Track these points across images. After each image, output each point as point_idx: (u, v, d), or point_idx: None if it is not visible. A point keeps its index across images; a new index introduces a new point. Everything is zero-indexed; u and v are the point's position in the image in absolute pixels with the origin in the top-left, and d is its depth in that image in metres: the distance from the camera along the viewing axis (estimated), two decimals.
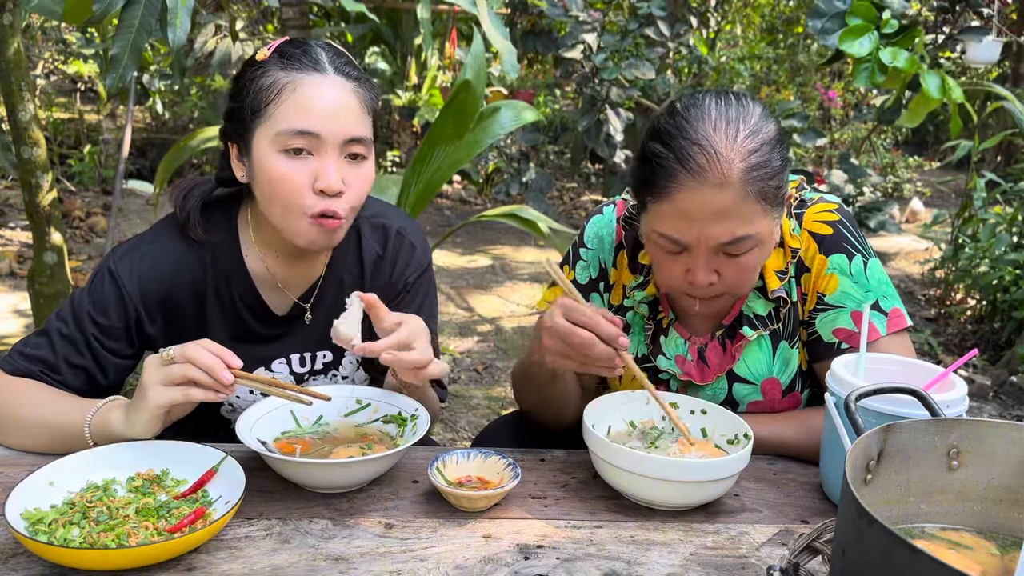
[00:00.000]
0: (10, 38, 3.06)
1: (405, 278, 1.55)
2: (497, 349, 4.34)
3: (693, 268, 1.30)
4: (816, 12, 3.24)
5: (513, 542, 1.14)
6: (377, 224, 1.54)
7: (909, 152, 9.75)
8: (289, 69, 1.31)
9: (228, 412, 1.55)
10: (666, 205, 1.27)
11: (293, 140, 1.29)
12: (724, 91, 1.33)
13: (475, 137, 3.16)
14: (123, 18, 1.93)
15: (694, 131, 1.26)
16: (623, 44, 5.19)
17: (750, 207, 1.25)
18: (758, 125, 1.27)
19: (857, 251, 1.43)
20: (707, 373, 1.48)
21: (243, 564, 1.06)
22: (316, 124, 1.28)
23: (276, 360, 1.50)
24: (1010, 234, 4.41)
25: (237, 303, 1.46)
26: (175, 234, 1.44)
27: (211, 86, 7.35)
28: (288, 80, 1.30)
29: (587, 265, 1.57)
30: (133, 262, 1.41)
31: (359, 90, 1.34)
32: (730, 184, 1.23)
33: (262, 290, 1.47)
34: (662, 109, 1.37)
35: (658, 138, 1.29)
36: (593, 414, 1.35)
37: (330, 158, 1.30)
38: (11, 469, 1.27)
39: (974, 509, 0.92)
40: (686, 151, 1.25)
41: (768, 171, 1.26)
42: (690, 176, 1.24)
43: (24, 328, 4.11)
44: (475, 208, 7.36)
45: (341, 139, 1.30)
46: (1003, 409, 3.78)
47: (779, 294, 1.43)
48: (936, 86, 3.10)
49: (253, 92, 1.32)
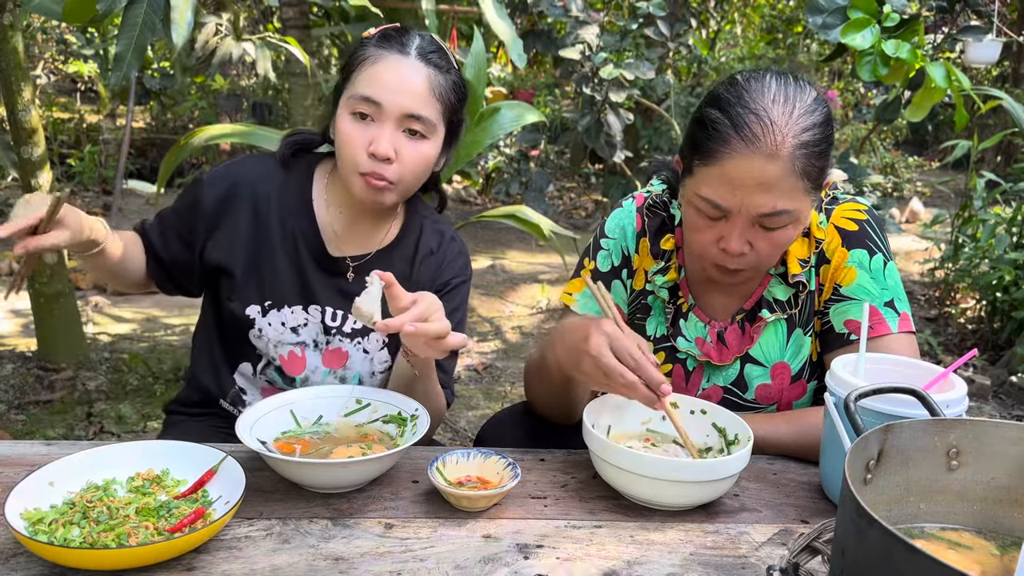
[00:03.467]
0: (10, 38, 3.06)
1: (449, 278, 1.63)
2: (497, 349, 4.34)
3: (728, 236, 1.33)
4: (816, 8, 3.23)
5: (513, 542, 1.14)
6: (437, 228, 1.66)
7: (909, 152, 9.76)
8: (380, 45, 1.47)
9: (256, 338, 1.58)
10: (714, 169, 1.30)
11: (359, 105, 1.44)
12: (785, 71, 1.37)
13: (475, 137, 3.16)
14: (126, 17, 1.93)
15: (752, 101, 1.29)
16: (623, 44, 5.19)
17: (794, 183, 1.28)
18: (813, 106, 1.31)
19: (879, 250, 1.47)
20: (725, 354, 1.51)
21: (243, 564, 1.06)
22: (379, 94, 1.43)
23: (313, 305, 1.57)
24: (1010, 234, 4.41)
25: (296, 235, 1.56)
26: (262, 157, 1.63)
27: (211, 86, 7.35)
28: (374, 54, 1.46)
29: (608, 254, 1.59)
30: (218, 169, 1.60)
31: (434, 76, 1.46)
32: (780, 157, 1.26)
33: (322, 231, 1.58)
34: (721, 79, 1.41)
35: (716, 104, 1.33)
36: (593, 414, 1.35)
37: (387, 127, 1.44)
38: (11, 469, 1.27)
39: (974, 509, 0.92)
40: (743, 118, 1.28)
41: (816, 151, 1.29)
42: (743, 143, 1.27)
43: (23, 328, 4.11)
44: (475, 208, 7.36)
45: (399, 112, 1.43)
46: (1003, 409, 3.78)
47: (799, 279, 1.46)
48: (942, 76, 3.10)
49: (349, 63, 1.50)
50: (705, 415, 1.39)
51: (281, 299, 1.56)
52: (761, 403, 1.52)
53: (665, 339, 1.55)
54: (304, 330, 1.57)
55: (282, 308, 1.56)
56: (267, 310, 1.56)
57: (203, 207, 1.54)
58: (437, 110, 1.47)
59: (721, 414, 1.37)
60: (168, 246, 1.58)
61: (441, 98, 1.47)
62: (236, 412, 1.60)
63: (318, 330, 1.58)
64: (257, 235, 1.55)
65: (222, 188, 1.55)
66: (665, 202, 1.58)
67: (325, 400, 1.42)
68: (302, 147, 1.63)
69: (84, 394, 3.46)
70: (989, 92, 3.79)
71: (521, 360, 4.18)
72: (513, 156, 6.41)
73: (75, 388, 3.50)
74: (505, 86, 7.45)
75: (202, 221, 1.55)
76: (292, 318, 1.56)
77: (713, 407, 1.38)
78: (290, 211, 1.57)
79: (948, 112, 8.01)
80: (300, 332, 1.57)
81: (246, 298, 1.55)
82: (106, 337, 4.12)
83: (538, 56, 7.05)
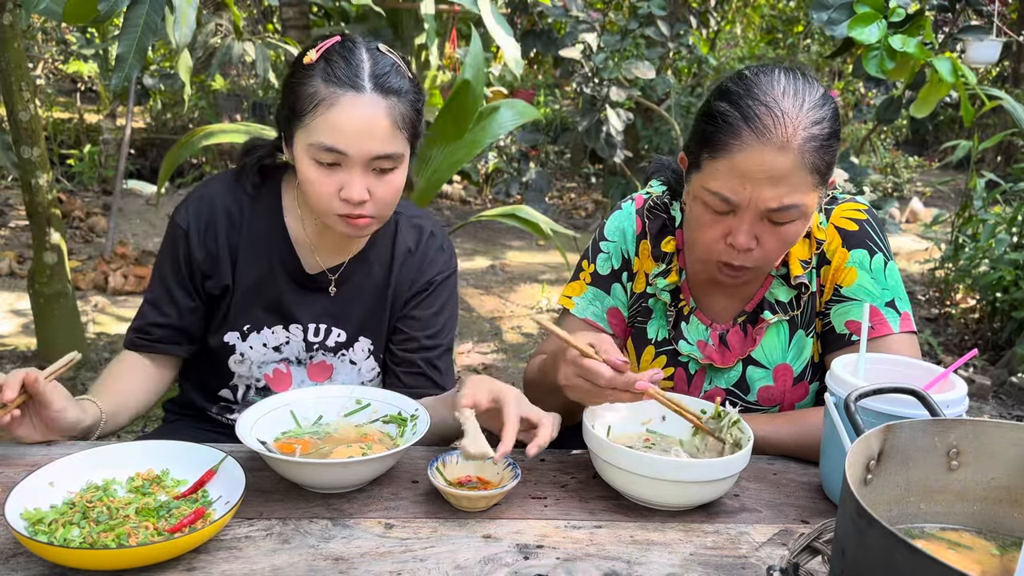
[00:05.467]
0: (10, 38, 3.06)
1: (431, 276, 1.60)
2: (497, 349, 4.34)
3: (736, 230, 1.32)
4: (821, 4, 3.24)
5: (513, 542, 1.14)
6: (414, 223, 1.61)
7: (909, 152, 9.76)
8: (329, 82, 1.35)
9: (236, 363, 1.57)
10: (723, 162, 1.29)
11: (322, 155, 1.36)
12: (792, 67, 1.36)
13: (475, 137, 3.16)
14: (128, 17, 1.93)
15: (763, 94, 1.28)
16: (623, 44, 5.19)
17: (803, 177, 1.28)
18: (822, 101, 1.30)
19: (879, 249, 1.46)
20: (728, 356, 1.51)
21: (243, 564, 1.06)
22: (343, 143, 1.35)
23: (293, 324, 1.56)
24: (1010, 234, 4.41)
25: (272, 256, 1.54)
26: (228, 176, 1.57)
27: (211, 86, 7.35)
28: (326, 95, 1.35)
29: (608, 256, 1.59)
30: (190, 200, 1.55)
31: (395, 106, 1.38)
32: (790, 149, 1.26)
33: (297, 248, 1.55)
34: (728, 74, 1.40)
35: (725, 97, 1.32)
36: (593, 414, 1.35)
37: (356, 172, 1.37)
38: (11, 469, 1.27)
39: (974, 509, 0.92)
40: (754, 110, 1.27)
41: (825, 145, 1.29)
42: (754, 135, 1.26)
43: (23, 328, 4.11)
44: (475, 208, 7.36)
45: (367, 157, 1.37)
46: (1003, 409, 3.78)
47: (801, 280, 1.46)
48: (948, 70, 3.09)
49: (296, 96, 1.39)
50: (705, 415, 1.38)
51: (260, 322, 1.54)
52: (763, 405, 1.51)
53: (667, 342, 1.54)
54: (287, 347, 1.56)
55: (262, 330, 1.55)
56: (246, 335, 1.55)
57: (192, 252, 1.51)
58: (404, 139, 1.41)
59: None
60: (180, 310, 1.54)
61: (405, 124, 1.40)
62: (226, 420, 1.61)
63: (300, 347, 1.57)
64: (235, 261, 1.53)
65: (202, 224, 1.51)
66: (666, 204, 1.58)
67: (325, 400, 1.42)
68: (266, 162, 1.56)
69: (84, 394, 3.45)
70: (989, 92, 3.79)
71: (521, 360, 4.18)
72: (513, 156, 6.41)
73: (75, 388, 3.50)
74: (505, 86, 7.45)
75: (197, 267, 1.52)
76: (273, 338, 1.55)
77: (713, 407, 1.38)
78: (263, 234, 1.53)
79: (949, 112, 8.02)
80: (283, 350, 1.56)
81: (225, 325, 1.54)
82: (106, 337, 4.12)
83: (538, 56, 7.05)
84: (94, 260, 5.16)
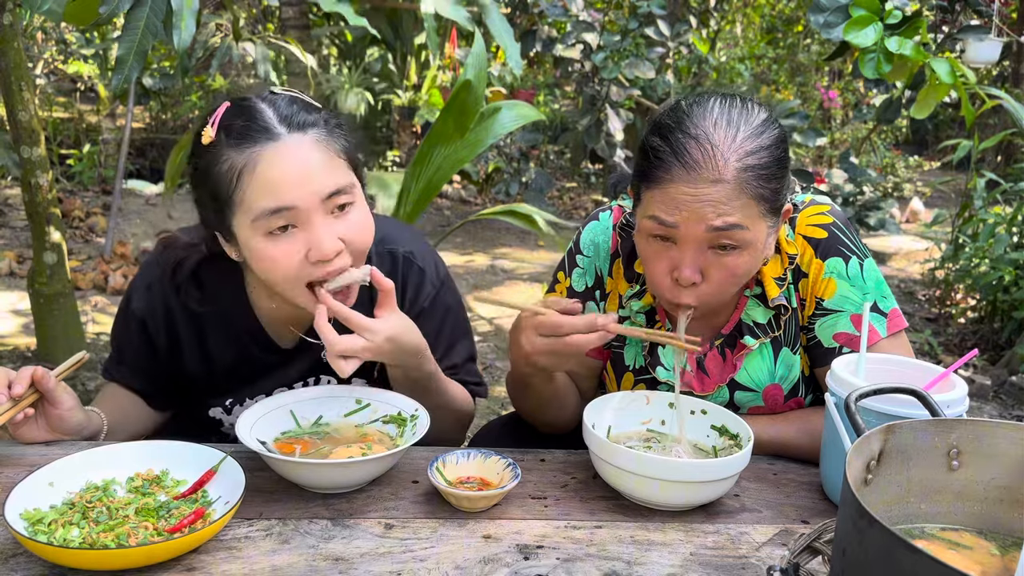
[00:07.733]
0: (10, 38, 3.06)
1: (419, 305, 1.52)
2: (497, 349, 4.33)
3: (680, 262, 1.27)
4: (818, 7, 3.23)
5: (513, 542, 1.14)
6: (384, 252, 1.49)
7: (909, 152, 9.75)
8: (241, 146, 1.23)
9: (227, 428, 1.55)
10: (658, 192, 1.26)
11: (272, 221, 1.23)
12: (731, 93, 1.32)
13: (475, 137, 3.16)
14: (128, 20, 1.93)
15: (694, 126, 1.25)
16: (623, 44, 5.19)
17: (745, 202, 1.24)
18: (759, 129, 1.26)
19: (853, 253, 1.42)
20: (707, 383, 1.47)
21: (243, 564, 1.06)
22: (288, 197, 1.22)
23: (279, 389, 1.49)
24: (1010, 234, 4.40)
25: (242, 336, 1.47)
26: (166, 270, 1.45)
27: (211, 86, 7.35)
28: (244, 160, 1.23)
29: (583, 273, 1.55)
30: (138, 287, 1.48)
31: (322, 138, 1.27)
32: (725, 180, 1.22)
33: (268, 326, 1.48)
34: (665, 106, 1.37)
35: (657, 132, 1.29)
36: (593, 414, 1.34)
37: (317, 224, 1.24)
38: (11, 469, 1.27)
39: (974, 509, 0.92)
40: (683, 144, 1.24)
41: (766, 173, 1.25)
42: (684, 170, 1.23)
43: (23, 328, 4.11)
44: (475, 208, 7.36)
45: (320, 199, 1.24)
46: (1003, 409, 3.78)
47: (779, 301, 1.41)
48: (946, 71, 3.08)
49: (214, 182, 1.25)
50: (706, 415, 1.38)
51: (243, 395, 1.51)
52: None
53: (644, 370, 1.50)
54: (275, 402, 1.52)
55: (245, 402, 1.50)
56: (230, 408, 1.52)
57: (153, 339, 1.47)
58: (346, 166, 1.29)
59: (721, 414, 1.37)
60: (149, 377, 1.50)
61: (340, 150, 1.29)
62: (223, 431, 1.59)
63: None
64: (203, 344, 1.47)
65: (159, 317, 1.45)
66: None
67: (325, 400, 1.42)
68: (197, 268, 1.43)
69: (84, 394, 3.46)
70: (989, 92, 3.79)
71: None
72: (513, 156, 6.41)
73: (75, 388, 3.50)
74: (505, 86, 7.45)
75: (162, 355, 1.48)
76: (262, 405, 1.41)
77: (713, 407, 1.38)
78: (229, 315, 1.46)
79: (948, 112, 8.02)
80: None
81: (207, 403, 1.52)
82: (106, 337, 4.12)
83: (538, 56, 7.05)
84: (94, 260, 5.16)
